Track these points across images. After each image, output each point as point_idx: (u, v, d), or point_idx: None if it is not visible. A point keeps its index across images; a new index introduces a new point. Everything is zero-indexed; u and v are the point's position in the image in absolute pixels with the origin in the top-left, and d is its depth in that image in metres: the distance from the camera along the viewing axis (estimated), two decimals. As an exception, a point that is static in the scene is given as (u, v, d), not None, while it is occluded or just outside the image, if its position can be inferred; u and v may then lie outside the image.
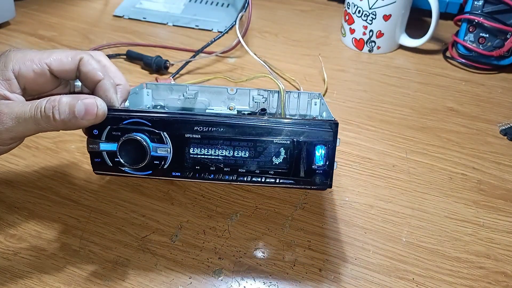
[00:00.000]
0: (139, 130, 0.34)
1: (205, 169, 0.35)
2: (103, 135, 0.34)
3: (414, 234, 0.42)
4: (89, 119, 0.32)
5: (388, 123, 0.57)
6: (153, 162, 0.35)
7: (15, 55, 0.33)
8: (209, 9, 0.81)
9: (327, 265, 0.39)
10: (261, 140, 0.34)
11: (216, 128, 0.34)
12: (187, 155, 0.35)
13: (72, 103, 0.32)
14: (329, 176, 0.35)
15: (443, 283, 0.38)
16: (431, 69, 0.69)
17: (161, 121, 0.34)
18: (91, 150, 0.35)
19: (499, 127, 0.57)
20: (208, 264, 0.38)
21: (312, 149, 0.34)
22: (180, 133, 0.34)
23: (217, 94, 0.48)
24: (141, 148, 0.34)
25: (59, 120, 0.32)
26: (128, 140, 0.33)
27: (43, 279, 0.36)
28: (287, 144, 0.34)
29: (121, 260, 0.38)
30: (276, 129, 0.34)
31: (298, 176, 0.35)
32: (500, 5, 0.64)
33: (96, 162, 0.35)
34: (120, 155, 0.34)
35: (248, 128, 0.34)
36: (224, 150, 0.35)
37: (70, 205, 0.43)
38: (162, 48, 0.70)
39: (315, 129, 0.34)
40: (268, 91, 0.47)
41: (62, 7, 0.83)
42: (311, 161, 0.34)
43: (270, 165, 0.35)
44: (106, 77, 0.35)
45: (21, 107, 0.32)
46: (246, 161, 0.35)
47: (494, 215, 0.44)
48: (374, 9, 0.68)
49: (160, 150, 0.34)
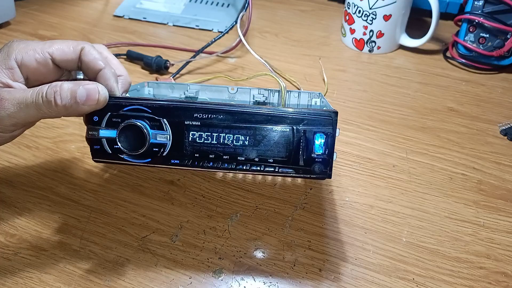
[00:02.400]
0: (139, 117, 0.34)
1: (204, 157, 0.35)
2: (103, 121, 0.34)
3: (414, 234, 0.42)
4: (91, 104, 0.33)
5: (388, 123, 0.57)
6: (152, 150, 0.35)
7: (18, 45, 0.34)
8: (210, 9, 0.81)
9: (327, 265, 0.39)
10: (260, 128, 0.34)
11: (215, 115, 0.34)
12: (186, 142, 0.35)
13: (74, 88, 0.32)
14: (329, 165, 0.35)
15: (443, 283, 0.38)
16: (431, 69, 0.69)
17: (161, 107, 0.34)
18: (90, 137, 0.35)
19: (499, 127, 0.57)
20: (208, 264, 0.38)
21: (311, 137, 0.34)
22: (179, 120, 0.34)
23: (218, 92, 0.48)
24: (140, 134, 0.34)
25: (60, 105, 0.32)
26: (128, 126, 0.34)
27: (43, 279, 0.36)
28: (287, 132, 0.34)
29: (121, 260, 0.38)
30: (276, 116, 0.34)
31: (297, 164, 0.35)
32: (500, 5, 0.64)
33: (96, 149, 0.35)
34: (119, 140, 0.34)
35: (248, 115, 0.34)
36: (223, 137, 0.34)
37: (70, 205, 0.43)
38: (162, 48, 0.70)
39: (315, 117, 0.34)
40: (268, 90, 0.47)
41: (62, 7, 0.83)
42: (310, 149, 0.34)
43: (269, 153, 0.35)
44: (107, 66, 0.35)
45: (22, 93, 0.32)
46: (245, 149, 0.35)
47: (494, 215, 0.44)
48: (375, 9, 0.68)
49: (159, 137, 0.34)
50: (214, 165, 0.35)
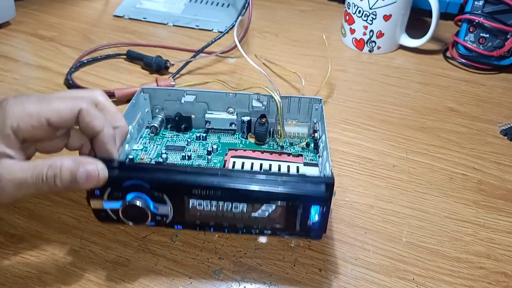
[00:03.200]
0: (140, 190, 0.35)
1: (205, 224, 0.37)
2: (104, 195, 0.35)
3: (414, 234, 0.42)
4: (90, 185, 0.33)
5: (388, 123, 0.57)
6: (156, 218, 0.36)
7: (13, 109, 0.32)
8: (210, 9, 0.81)
9: (327, 265, 0.39)
10: (258, 203, 0.35)
11: (213, 191, 0.35)
12: (187, 213, 0.36)
13: (74, 170, 0.32)
14: (324, 229, 0.36)
15: (443, 283, 0.38)
16: (432, 69, 0.69)
17: (160, 183, 0.35)
18: (94, 208, 0.36)
19: (499, 127, 0.57)
20: (208, 264, 0.38)
21: (307, 209, 0.35)
22: (179, 195, 0.35)
23: (216, 98, 0.48)
24: (142, 211, 0.35)
25: (60, 187, 0.32)
26: (130, 206, 0.35)
27: (43, 279, 0.36)
28: (284, 206, 0.35)
29: (122, 260, 0.38)
30: (273, 193, 0.35)
31: (294, 230, 0.36)
32: (500, 5, 0.64)
33: (101, 216, 0.37)
34: (123, 216, 0.35)
35: (246, 192, 0.35)
36: (222, 210, 0.36)
37: (70, 205, 0.43)
38: (162, 48, 0.70)
39: (311, 194, 0.34)
40: (268, 96, 0.47)
41: (62, 7, 0.83)
42: (306, 219, 0.36)
43: (267, 222, 0.36)
44: (106, 126, 0.34)
45: (22, 174, 0.32)
46: (244, 219, 0.36)
47: (495, 215, 0.44)
48: (375, 9, 0.68)
49: (161, 209, 0.35)
50: (215, 230, 0.37)
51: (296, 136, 0.50)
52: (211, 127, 0.49)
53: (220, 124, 0.49)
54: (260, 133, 0.48)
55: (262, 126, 0.48)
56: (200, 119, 0.50)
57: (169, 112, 0.50)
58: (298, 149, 0.48)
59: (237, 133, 0.50)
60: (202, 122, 0.49)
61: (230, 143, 0.49)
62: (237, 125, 0.49)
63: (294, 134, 0.49)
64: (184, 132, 0.50)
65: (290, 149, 0.48)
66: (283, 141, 0.48)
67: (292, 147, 0.48)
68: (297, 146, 0.48)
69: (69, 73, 0.62)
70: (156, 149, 0.47)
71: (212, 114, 0.49)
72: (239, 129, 0.50)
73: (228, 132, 0.50)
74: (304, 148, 0.48)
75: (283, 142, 0.48)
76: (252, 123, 0.49)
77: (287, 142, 0.49)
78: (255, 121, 0.48)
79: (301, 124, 0.49)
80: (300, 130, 0.49)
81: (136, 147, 0.47)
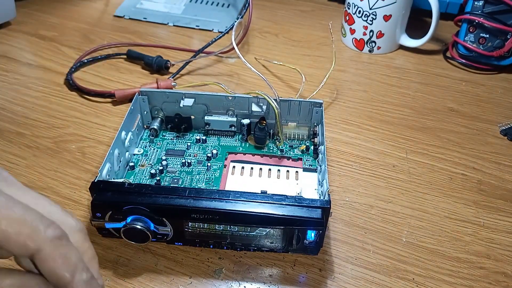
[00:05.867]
0: (140, 213, 0.36)
1: (204, 242, 0.39)
2: (106, 217, 0.36)
3: (414, 234, 0.42)
4: None
5: (388, 123, 0.57)
6: (157, 236, 0.37)
7: None
8: (210, 10, 0.81)
9: (327, 265, 0.39)
10: (256, 226, 0.36)
11: (212, 216, 0.36)
12: (186, 234, 0.37)
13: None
14: (320, 246, 0.38)
15: (443, 283, 0.38)
16: (431, 69, 0.69)
17: (158, 209, 0.36)
18: (97, 226, 0.37)
19: (499, 127, 0.57)
20: (208, 264, 0.38)
21: (304, 232, 0.36)
22: (178, 219, 0.36)
23: (215, 100, 0.48)
24: (143, 233, 0.36)
25: None
26: (130, 228, 0.36)
27: (43, 279, 0.36)
28: (281, 230, 0.37)
29: (122, 260, 0.38)
30: (270, 217, 0.35)
31: (291, 247, 0.38)
32: (500, 5, 0.64)
33: (104, 233, 0.39)
34: (125, 236, 0.36)
35: (243, 216, 0.35)
36: (220, 231, 0.37)
37: (71, 205, 0.43)
38: (162, 48, 0.70)
39: (307, 219, 0.35)
40: (266, 99, 0.46)
41: (63, 7, 0.83)
42: (303, 239, 0.37)
43: (264, 243, 0.38)
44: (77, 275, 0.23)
45: None
46: (242, 238, 0.37)
47: (494, 215, 0.44)
48: (375, 10, 0.68)
49: (161, 229, 0.36)
50: (215, 247, 0.39)
51: (296, 138, 0.50)
52: (211, 128, 0.49)
53: (219, 126, 0.49)
54: (260, 137, 0.48)
55: (261, 131, 0.48)
56: (200, 120, 0.50)
57: (169, 113, 0.50)
58: (297, 152, 0.48)
59: (237, 135, 0.50)
60: (202, 122, 0.49)
61: (230, 146, 0.48)
62: (236, 127, 0.49)
63: (294, 135, 0.50)
64: (184, 133, 0.50)
65: (290, 153, 0.48)
66: (283, 144, 0.48)
67: (291, 151, 0.48)
68: (296, 149, 0.48)
69: (69, 73, 0.62)
70: (156, 153, 0.47)
71: (212, 116, 0.49)
72: (238, 130, 0.50)
73: (227, 135, 0.50)
74: (303, 151, 0.48)
75: (282, 145, 0.48)
76: (252, 126, 0.49)
77: (286, 145, 0.49)
78: (254, 124, 0.48)
79: (301, 125, 0.49)
80: (300, 132, 0.49)
81: (137, 151, 0.47)
